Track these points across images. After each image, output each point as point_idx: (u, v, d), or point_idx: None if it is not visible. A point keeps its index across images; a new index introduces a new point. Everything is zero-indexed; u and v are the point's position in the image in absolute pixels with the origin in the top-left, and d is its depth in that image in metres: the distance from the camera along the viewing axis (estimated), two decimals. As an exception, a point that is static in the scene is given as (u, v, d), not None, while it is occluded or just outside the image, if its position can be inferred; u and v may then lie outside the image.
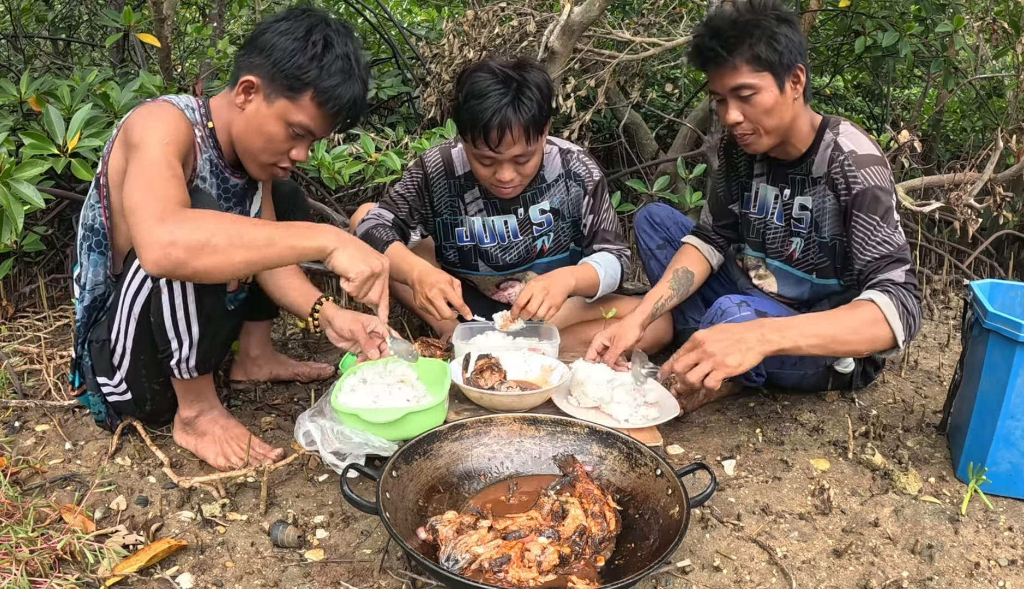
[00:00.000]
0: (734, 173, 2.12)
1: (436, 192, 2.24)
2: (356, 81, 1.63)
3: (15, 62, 4.02)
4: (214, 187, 1.72)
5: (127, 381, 1.69)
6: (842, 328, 1.65)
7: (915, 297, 1.71)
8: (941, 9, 3.56)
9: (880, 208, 1.76)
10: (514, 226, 2.25)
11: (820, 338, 1.63)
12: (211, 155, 1.70)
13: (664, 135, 4.53)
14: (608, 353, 1.96)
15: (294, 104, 1.60)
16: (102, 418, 1.81)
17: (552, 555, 1.26)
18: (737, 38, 1.74)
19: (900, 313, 1.67)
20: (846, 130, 1.85)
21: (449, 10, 4.56)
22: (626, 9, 4.29)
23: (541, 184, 2.22)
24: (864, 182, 1.77)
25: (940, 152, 4.71)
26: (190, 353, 1.61)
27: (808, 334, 1.63)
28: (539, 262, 2.33)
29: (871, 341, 1.67)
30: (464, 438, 1.58)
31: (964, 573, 1.41)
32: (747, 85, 1.76)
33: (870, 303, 1.68)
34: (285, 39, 1.58)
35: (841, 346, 1.67)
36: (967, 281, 2.57)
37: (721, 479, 1.70)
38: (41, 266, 2.96)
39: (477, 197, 2.23)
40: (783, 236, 1.99)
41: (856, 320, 1.66)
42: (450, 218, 2.27)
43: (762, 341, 1.60)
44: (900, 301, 1.68)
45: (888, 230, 1.76)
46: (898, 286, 1.70)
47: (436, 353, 2.14)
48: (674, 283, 2.10)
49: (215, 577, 1.35)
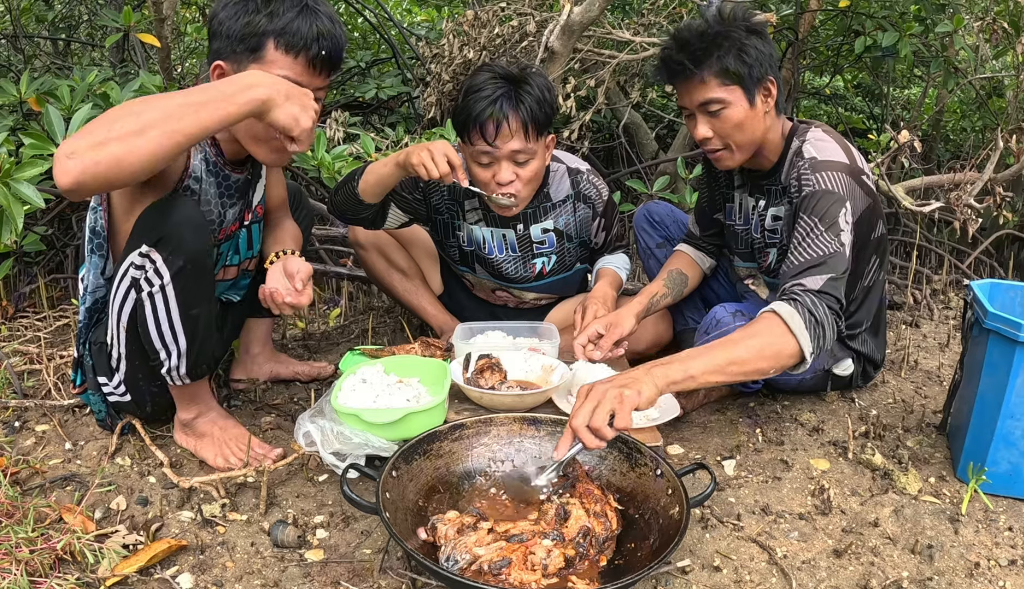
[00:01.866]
0: (715, 184, 2.10)
1: (433, 192, 2.17)
2: (313, 12, 1.53)
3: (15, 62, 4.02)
4: (212, 185, 1.70)
5: (126, 384, 1.70)
6: (739, 349, 1.51)
7: (828, 307, 1.59)
8: (941, 9, 3.56)
9: (822, 212, 1.66)
10: (512, 241, 2.21)
11: (713, 364, 1.48)
12: (207, 154, 1.67)
13: (664, 135, 4.53)
14: (603, 340, 1.95)
15: (262, 63, 1.51)
16: (103, 417, 1.81)
17: (558, 558, 1.26)
18: (705, 51, 1.69)
19: (806, 321, 1.55)
20: (813, 137, 1.79)
21: (449, 10, 4.56)
22: (626, 9, 4.29)
23: (546, 202, 2.17)
24: (813, 185, 1.70)
25: (940, 152, 4.71)
26: (179, 362, 1.60)
27: (699, 363, 1.47)
28: (539, 283, 2.30)
29: (774, 357, 1.53)
30: (464, 438, 1.58)
31: (964, 573, 1.41)
32: (716, 99, 1.72)
33: (771, 315, 1.57)
34: (226, 9, 1.53)
35: (740, 367, 1.50)
36: (967, 281, 2.57)
37: (721, 479, 1.70)
38: (41, 266, 2.96)
39: (476, 208, 2.18)
40: (761, 247, 1.98)
41: (756, 337, 1.54)
42: (449, 220, 2.24)
43: (652, 377, 1.42)
44: (807, 309, 1.57)
45: (826, 237, 1.65)
46: (809, 293, 1.60)
47: (436, 353, 2.14)
48: (669, 282, 2.10)
49: (215, 577, 1.35)
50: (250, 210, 1.85)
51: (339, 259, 3.11)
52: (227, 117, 1.35)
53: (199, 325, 1.58)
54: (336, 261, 3.09)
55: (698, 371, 1.46)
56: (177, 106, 1.31)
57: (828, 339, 1.60)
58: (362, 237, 2.35)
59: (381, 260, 2.38)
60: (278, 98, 1.40)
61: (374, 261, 2.38)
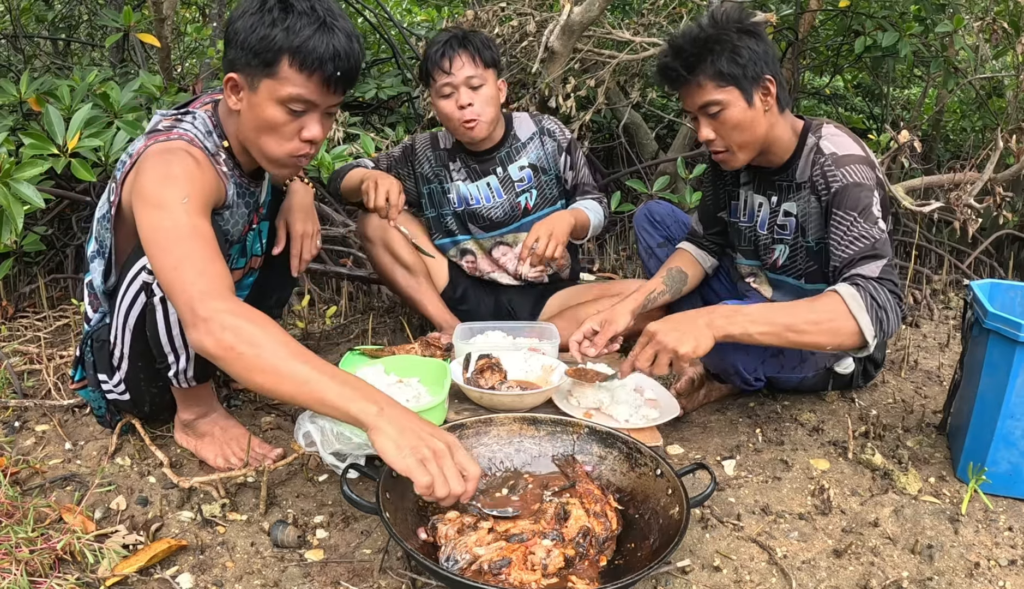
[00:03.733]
0: (721, 182, 2.11)
1: (420, 160, 2.47)
2: (330, 29, 1.48)
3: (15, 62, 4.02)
4: (241, 205, 1.70)
5: (126, 383, 1.69)
6: (799, 318, 1.58)
7: (890, 291, 1.63)
8: (941, 9, 3.56)
9: (858, 204, 1.71)
10: (496, 185, 2.44)
11: (772, 326, 1.57)
12: (237, 180, 1.66)
13: (664, 135, 4.53)
14: (598, 337, 1.95)
15: (276, 79, 1.47)
16: (102, 413, 1.81)
17: (558, 558, 1.26)
18: (697, 56, 1.72)
19: (868, 305, 1.59)
20: (828, 133, 1.82)
21: (449, 10, 4.56)
22: (626, 9, 4.29)
23: (516, 143, 2.44)
24: (843, 179, 1.73)
25: (940, 152, 4.71)
26: (187, 365, 1.60)
27: (759, 321, 1.57)
28: (526, 221, 2.45)
29: (832, 333, 1.59)
30: (464, 438, 1.58)
31: (964, 573, 1.41)
32: (713, 102, 1.74)
33: (833, 294, 1.62)
34: (244, 19, 1.49)
35: (798, 336, 1.58)
36: (967, 281, 2.57)
37: (721, 479, 1.70)
38: (41, 266, 2.96)
39: (459, 167, 2.45)
40: (767, 244, 1.98)
41: (816, 312, 1.59)
42: (438, 186, 2.47)
43: (710, 326, 1.57)
44: (869, 294, 1.61)
45: (866, 226, 1.69)
46: (869, 280, 1.63)
47: (436, 353, 2.14)
48: (667, 280, 2.10)
49: (215, 577, 1.35)
50: (257, 213, 1.85)
51: (339, 259, 3.11)
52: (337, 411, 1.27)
53: None
54: (336, 261, 3.09)
55: (757, 330, 1.55)
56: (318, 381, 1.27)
57: (892, 324, 1.64)
58: (369, 232, 2.40)
59: (386, 255, 2.41)
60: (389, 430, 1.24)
61: (379, 255, 2.42)
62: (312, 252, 1.95)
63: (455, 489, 1.20)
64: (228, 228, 1.67)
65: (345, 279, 2.99)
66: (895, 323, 1.64)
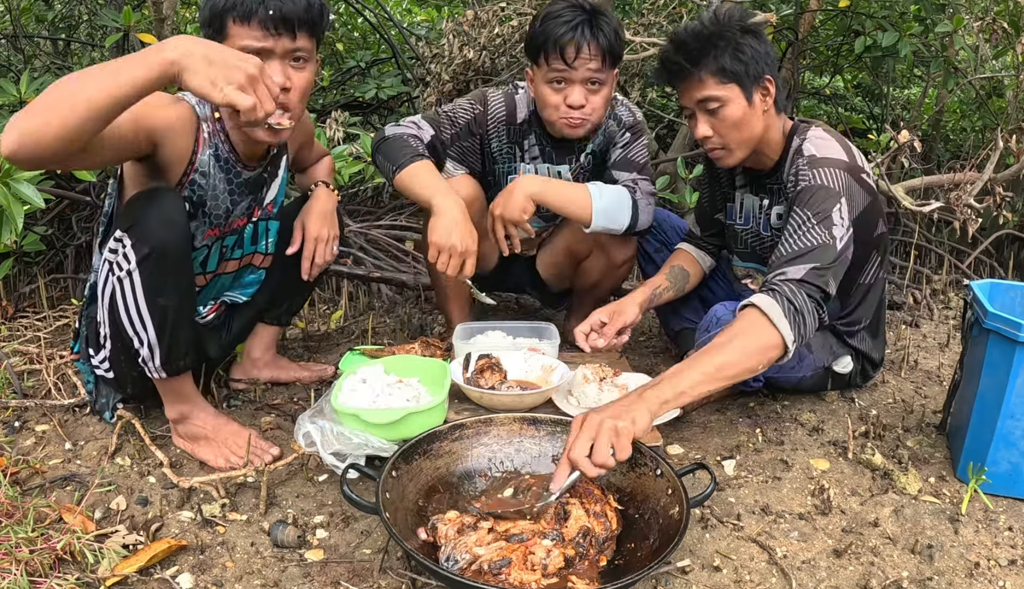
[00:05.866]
0: (716, 184, 2.11)
1: (493, 137, 2.19)
2: None
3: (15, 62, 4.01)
4: (222, 181, 1.70)
5: (109, 361, 1.71)
6: (726, 355, 1.49)
7: (809, 296, 1.58)
8: (941, 9, 3.56)
9: (815, 206, 1.67)
10: (567, 176, 2.22)
11: (704, 376, 1.46)
12: (219, 150, 1.68)
13: (664, 135, 4.53)
14: (606, 328, 1.95)
15: (228, 40, 1.54)
16: (91, 388, 1.85)
17: (557, 558, 1.26)
18: (701, 50, 1.72)
19: (786, 310, 1.54)
20: (813, 135, 1.80)
21: (449, 10, 4.56)
22: (626, 9, 4.29)
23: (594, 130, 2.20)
24: (810, 180, 1.71)
25: (940, 152, 4.71)
26: (151, 353, 1.61)
27: (689, 381, 1.45)
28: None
29: (761, 352, 1.52)
30: (464, 438, 1.58)
31: (964, 573, 1.41)
32: (713, 97, 1.74)
33: (750, 310, 1.56)
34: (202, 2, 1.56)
35: (732, 370, 1.49)
36: (967, 281, 2.57)
37: (721, 479, 1.70)
38: (41, 266, 2.96)
39: (534, 144, 2.21)
40: (771, 246, 1.98)
41: (739, 339, 1.52)
42: (504, 166, 2.23)
43: (646, 412, 1.40)
44: (786, 298, 1.56)
45: (817, 230, 1.64)
46: (789, 282, 1.59)
47: (436, 353, 2.14)
48: (671, 277, 2.11)
49: (215, 577, 1.35)
50: (260, 207, 1.85)
51: (339, 259, 3.10)
52: (135, 81, 1.24)
53: (167, 316, 1.58)
54: (336, 261, 3.08)
55: (688, 385, 1.45)
56: (90, 74, 1.23)
57: (810, 328, 1.59)
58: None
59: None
60: (192, 61, 1.25)
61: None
62: (326, 257, 1.95)
63: (268, 107, 1.32)
64: (205, 198, 1.68)
65: (345, 279, 2.98)
66: (812, 327, 1.60)
